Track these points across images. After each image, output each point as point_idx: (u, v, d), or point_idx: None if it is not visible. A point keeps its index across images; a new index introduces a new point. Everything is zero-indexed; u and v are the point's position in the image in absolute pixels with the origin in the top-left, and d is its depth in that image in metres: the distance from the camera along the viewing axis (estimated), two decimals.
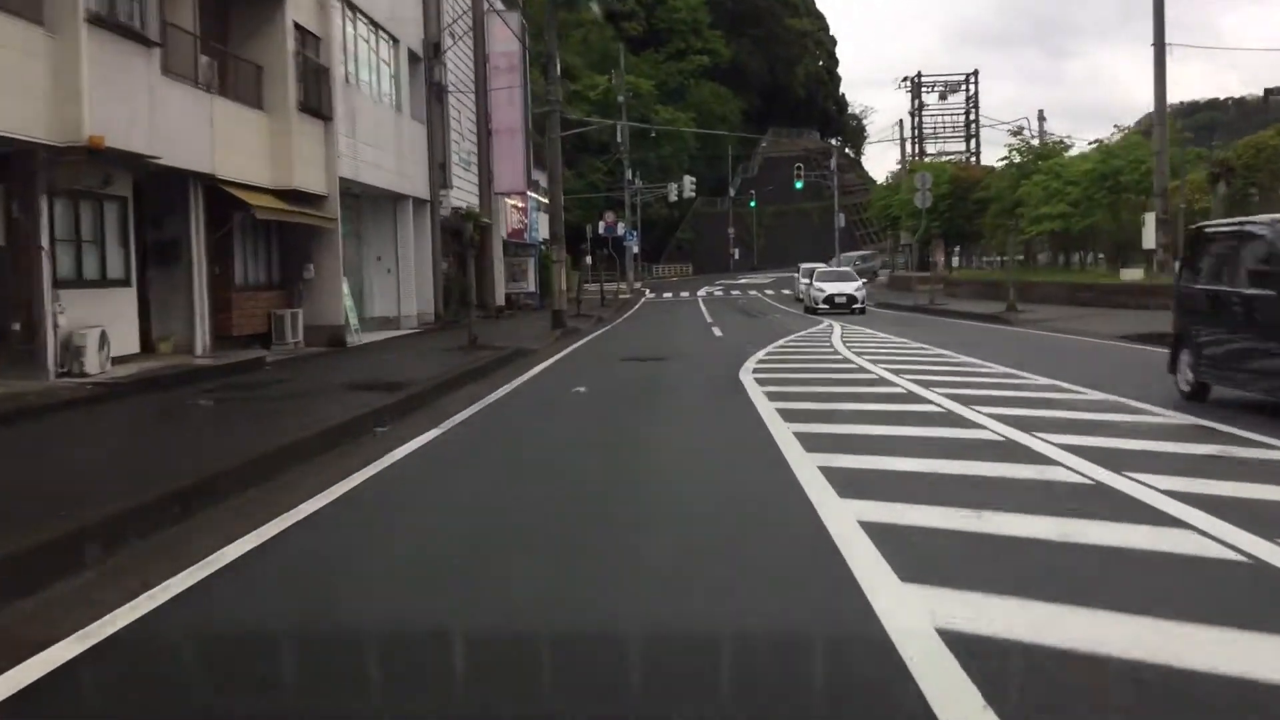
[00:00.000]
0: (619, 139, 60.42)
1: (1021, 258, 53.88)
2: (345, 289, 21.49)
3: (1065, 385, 12.08)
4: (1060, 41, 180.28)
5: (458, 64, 32.16)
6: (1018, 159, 41.26)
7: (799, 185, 55.15)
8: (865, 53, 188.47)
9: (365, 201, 26.08)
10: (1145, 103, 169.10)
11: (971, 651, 3.71)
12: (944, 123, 72.34)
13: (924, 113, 62.97)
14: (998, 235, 42.56)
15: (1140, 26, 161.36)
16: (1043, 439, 8.28)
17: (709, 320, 32.48)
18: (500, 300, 36.97)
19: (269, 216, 17.91)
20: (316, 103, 20.16)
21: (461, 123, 32.78)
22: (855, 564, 4.91)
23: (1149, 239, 28.18)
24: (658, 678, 3.74)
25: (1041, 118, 58.07)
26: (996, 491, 6.55)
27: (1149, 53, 27.73)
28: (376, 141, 23.72)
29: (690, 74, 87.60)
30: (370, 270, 26.36)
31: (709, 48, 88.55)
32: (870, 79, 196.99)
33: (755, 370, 15.16)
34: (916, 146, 58.50)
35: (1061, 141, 40.64)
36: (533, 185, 44.59)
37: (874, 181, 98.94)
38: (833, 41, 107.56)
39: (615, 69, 63.15)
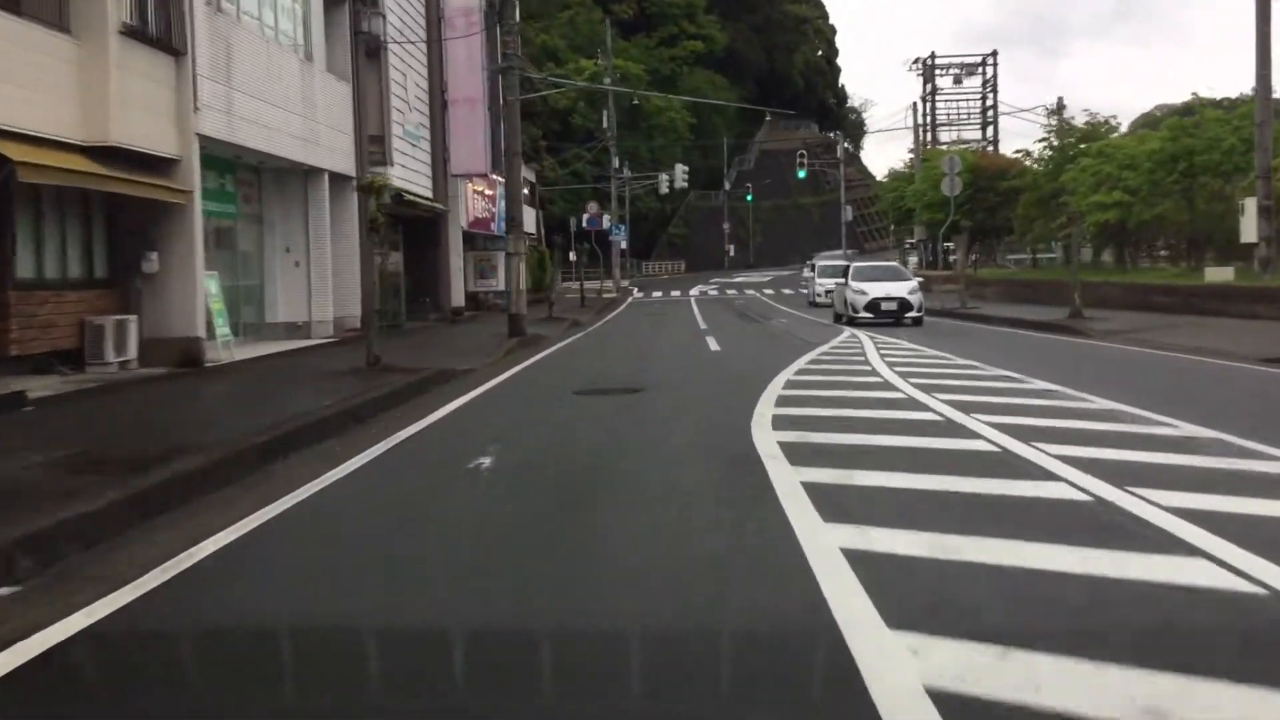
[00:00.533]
0: (605, 124, 54.65)
1: (1054, 255, 48.15)
2: (212, 287, 15.69)
3: None
4: (1053, 42, 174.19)
5: (403, 17, 26.35)
6: (1056, 142, 35.44)
7: (802, 174, 49.45)
8: (863, 45, 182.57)
9: (268, 176, 20.29)
10: (1137, 104, 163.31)
11: None
12: (959, 109, 66.48)
13: (937, 97, 57.04)
14: (1036, 228, 36.81)
15: (1132, 28, 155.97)
16: None
17: (703, 327, 26.69)
18: (459, 300, 31.17)
19: (47, 180, 12.04)
20: (162, 29, 14.33)
21: (408, 89, 26.97)
22: None
23: (1249, 231, 22.47)
24: None
25: (1061, 105, 52.16)
26: None
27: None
28: (269, 95, 17.90)
29: (683, 61, 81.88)
30: (276, 264, 20.55)
31: (703, 33, 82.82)
32: (869, 72, 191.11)
33: (776, 420, 9.43)
34: (930, 134, 52.62)
35: (1106, 122, 34.99)
36: (502, 169, 38.77)
37: (874, 177, 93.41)
38: (832, 30, 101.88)
39: (602, 48, 57.26)
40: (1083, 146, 32.80)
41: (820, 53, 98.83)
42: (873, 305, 24.31)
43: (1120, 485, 6.19)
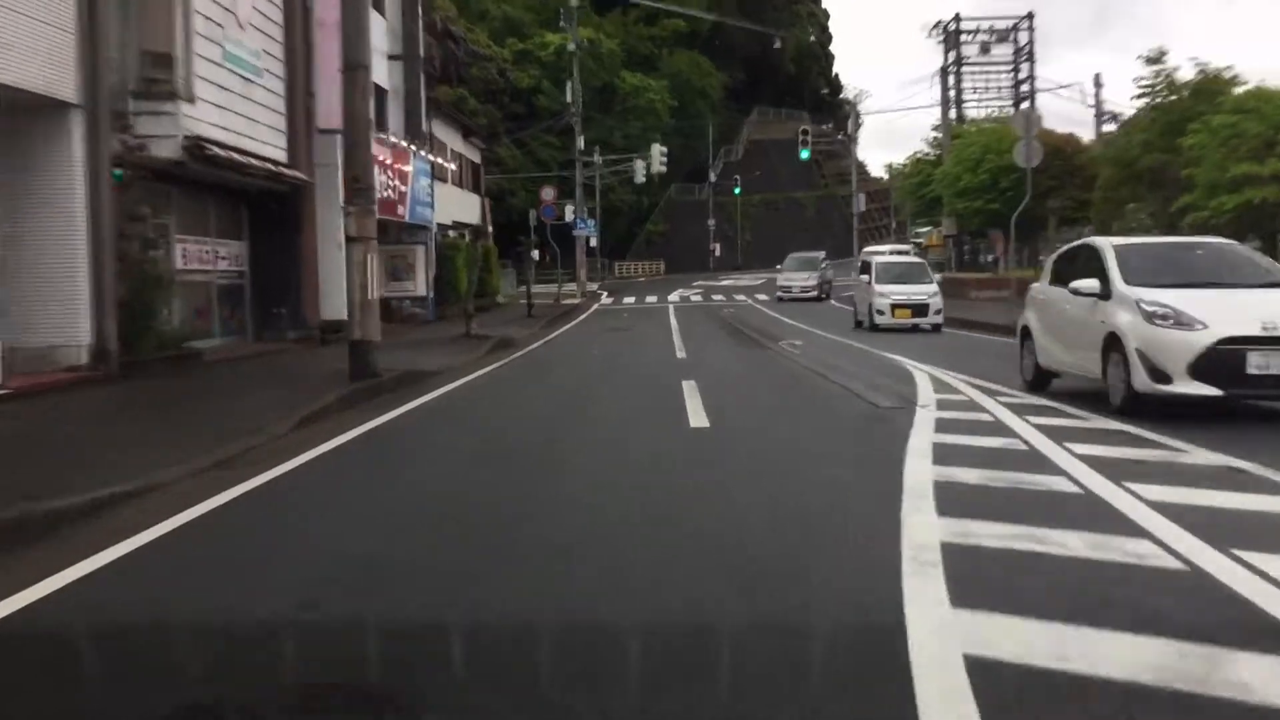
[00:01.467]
0: (569, 98, 45.22)
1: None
2: None
3: None
4: (1036, 49, 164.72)
5: None
6: (1161, 99, 26.10)
7: (805, 154, 40.42)
8: (850, 43, 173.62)
9: None
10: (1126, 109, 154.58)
11: None
12: (987, 84, 57.10)
13: (960, 70, 47.46)
14: (1129, 215, 27.60)
15: (1114, 35, 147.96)
16: None
17: (680, 355, 17.39)
18: (336, 312, 21.65)
19: None
20: None
21: None
22: None
23: None
24: None
25: (1098, 83, 43.36)
26: None
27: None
28: None
29: (664, 41, 72.46)
30: None
31: (686, 11, 73.30)
32: (859, 68, 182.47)
33: None
34: (956, 111, 43.33)
35: (1219, 76, 25.72)
36: (423, 139, 29.45)
37: (868, 174, 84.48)
38: (825, 15, 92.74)
39: (565, 9, 47.74)
40: (1221, 100, 23.44)
41: (813, 38, 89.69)
42: (1226, 365, 8.34)
43: None
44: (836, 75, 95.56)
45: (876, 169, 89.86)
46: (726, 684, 3.28)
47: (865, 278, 24.01)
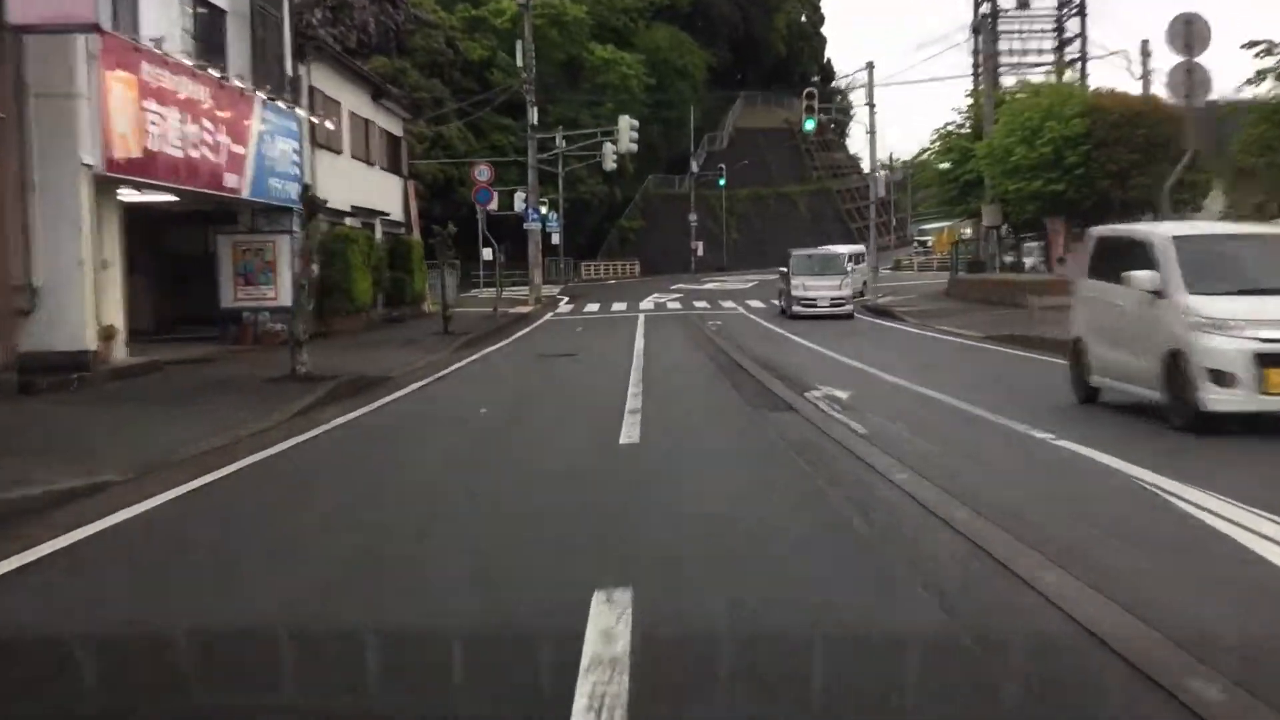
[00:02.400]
0: (519, 62, 36.36)
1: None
2: None
3: None
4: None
5: None
6: None
7: (810, 124, 31.91)
8: (846, 22, 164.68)
9: None
10: None
11: None
12: (1025, 46, 48.58)
13: (995, 25, 38.80)
14: None
15: (1094, 33, 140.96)
16: None
17: (625, 440, 8.57)
18: (67, 340, 12.85)
19: None
20: None
21: None
22: None
23: None
24: None
25: (1145, 51, 35.38)
26: None
27: None
28: None
29: (640, 14, 63.68)
30: None
31: None
32: (853, 53, 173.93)
33: None
34: (994, 78, 34.76)
35: None
36: (288, 88, 20.65)
37: (860, 169, 76.14)
38: None
39: None
40: None
41: (804, 18, 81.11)
42: None
43: None
44: (829, 61, 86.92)
45: (865, 165, 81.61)
46: None
47: (1147, 279, 8.97)
